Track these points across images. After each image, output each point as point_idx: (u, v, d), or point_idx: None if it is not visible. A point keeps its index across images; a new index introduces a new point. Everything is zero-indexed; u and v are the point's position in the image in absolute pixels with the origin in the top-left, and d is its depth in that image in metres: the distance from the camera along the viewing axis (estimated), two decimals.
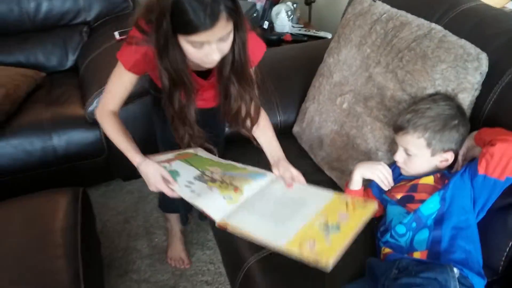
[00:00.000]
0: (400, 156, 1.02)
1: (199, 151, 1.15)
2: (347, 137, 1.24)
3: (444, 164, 1.00)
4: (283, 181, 1.02)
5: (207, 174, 1.05)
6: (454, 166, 1.01)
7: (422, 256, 0.92)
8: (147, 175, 1.04)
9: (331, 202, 0.94)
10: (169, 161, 1.09)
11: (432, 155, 0.98)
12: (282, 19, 2.09)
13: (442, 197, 0.94)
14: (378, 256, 1.00)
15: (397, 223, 0.97)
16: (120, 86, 1.07)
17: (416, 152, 0.99)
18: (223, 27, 0.84)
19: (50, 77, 1.94)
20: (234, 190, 0.99)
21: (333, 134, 1.29)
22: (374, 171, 1.05)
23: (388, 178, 1.04)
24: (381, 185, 1.05)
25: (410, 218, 0.95)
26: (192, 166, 1.09)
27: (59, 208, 1.22)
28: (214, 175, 1.04)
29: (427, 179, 0.99)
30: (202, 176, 1.05)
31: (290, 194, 1.00)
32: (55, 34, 2.02)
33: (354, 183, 1.07)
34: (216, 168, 1.08)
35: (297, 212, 0.92)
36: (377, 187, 1.08)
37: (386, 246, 0.99)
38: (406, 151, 1.01)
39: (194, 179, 1.04)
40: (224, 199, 0.97)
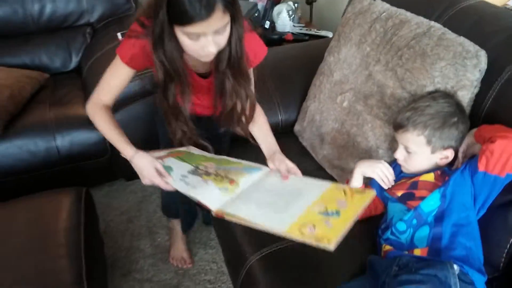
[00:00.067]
0: (400, 154, 1.02)
1: (191, 149, 1.15)
2: (347, 135, 1.24)
3: (444, 161, 1.00)
4: (278, 174, 1.02)
5: (201, 169, 1.04)
6: (454, 163, 1.01)
7: (423, 253, 0.92)
8: (141, 167, 1.03)
9: (328, 190, 0.94)
10: (161, 157, 1.08)
11: (432, 153, 0.98)
12: (283, 19, 2.10)
13: (442, 194, 0.94)
14: (379, 254, 1.01)
15: (397, 220, 0.98)
16: (116, 80, 1.07)
17: (416, 149, 0.99)
18: (219, 19, 0.84)
19: (54, 78, 1.96)
20: (230, 182, 0.98)
21: (333, 132, 1.29)
22: (374, 169, 1.05)
23: (388, 177, 1.04)
24: (381, 183, 1.05)
25: (411, 215, 0.96)
26: (185, 162, 1.08)
27: (62, 208, 1.23)
28: (209, 169, 1.03)
29: (427, 176, 0.99)
30: (196, 170, 1.04)
31: (286, 185, 0.99)
32: (58, 35, 2.04)
33: (355, 181, 1.08)
34: (210, 163, 1.07)
35: (294, 201, 0.92)
36: (377, 185, 1.08)
37: (387, 244, 0.99)
38: (406, 149, 1.01)
39: (188, 173, 1.03)
40: (220, 191, 0.96)
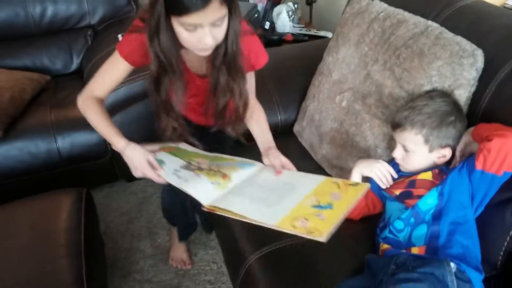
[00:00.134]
0: (398, 153, 1.02)
1: (184, 145, 1.14)
2: (346, 134, 1.24)
3: (442, 160, 1.00)
4: (272, 169, 1.02)
5: (194, 164, 1.04)
6: (452, 162, 1.01)
7: (420, 251, 0.92)
8: (133, 159, 1.02)
9: (322, 184, 0.94)
10: (153, 151, 1.07)
11: (430, 151, 0.98)
12: (283, 20, 2.11)
13: (440, 192, 0.94)
14: (377, 253, 1.01)
15: (395, 219, 0.98)
16: (111, 73, 1.06)
17: (414, 148, 0.99)
18: (216, 10, 0.84)
19: (55, 80, 1.97)
20: (223, 177, 0.98)
21: (332, 132, 1.30)
22: (372, 169, 1.05)
23: (386, 176, 1.04)
24: (379, 183, 1.05)
25: (409, 213, 0.96)
26: (178, 157, 1.07)
27: (62, 209, 1.24)
28: (201, 165, 1.03)
29: (425, 175, 0.99)
30: (189, 165, 1.03)
31: (279, 180, 0.99)
32: (60, 38, 2.05)
33: (354, 180, 1.08)
34: (203, 159, 1.07)
35: (287, 195, 0.92)
36: (376, 184, 1.09)
37: (385, 242, 0.99)
38: (404, 148, 1.01)
39: (181, 168, 1.02)
40: (213, 185, 0.96)
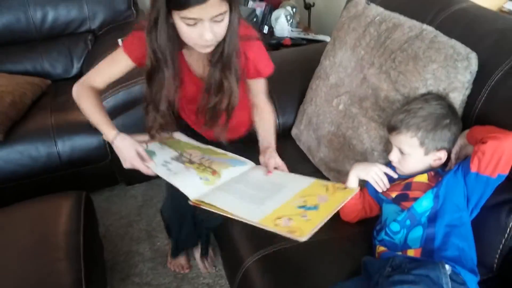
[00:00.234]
0: (394, 156, 1.03)
1: (178, 136, 1.15)
2: (343, 137, 1.25)
3: (438, 162, 1.00)
4: (264, 169, 1.03)
5: (185, 156, 1.05)
6: (448, 164, 1.02)
7: (416, 253, 0.93)
8: (122, 150, 1.02)
9: (311, 186, 0.95)
10: (145, 142, 1.08)
11: (426, 154, 0.99)
12: (282, 24, 2.12)
13: (435, 194, 0.95)
14: (374, 255, 1.01)
15: (391, 221, 0.98)
16: (112, 66, 1.08)
17: (409, 151, 1.00)
18: (216, 5, 0.85)
19: (56, 84, 1.99)
20: (212, 173, 0.99)
21: (330, 135, 1.30)
22: (368, 172, 1.05)
23: (383, 180, 1.05)
24: (375, 186, 1.05)
25: (404, 215, 0.96)
26: (170, 147, 1.08)
27: (62, 212, 1.25)
28: (193, 158, 1.04)
29: (421, 177, 1.00)
30: (180, 157, 1.04)
31: (269, 179, 1.00)
32: (60, 42, 2.07)
33: (350, 183, 1.08)
34: (195, 151, 1.07)
35: (274, 194, 0.93)
36: (373, 186, 1.09)
37: (381, 245, 0.99)
38: (400, 151, 1.02)
39: (171, 159, 1.03)
40: (201, 180, 0.96)
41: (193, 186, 0.96)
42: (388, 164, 1.08)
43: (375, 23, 1.21)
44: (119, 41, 1.85)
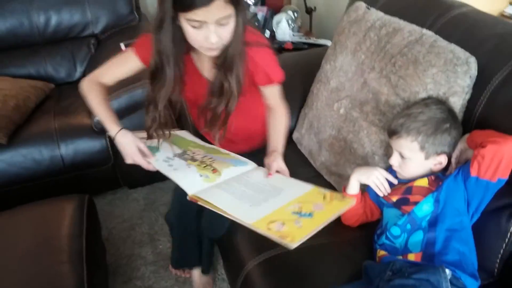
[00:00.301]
0: (395, 160, 1.03)
1: (183, 133, 1.17)
2: (344, 141, 1.26)
3: (438, 167, 1.01)
4: (265, 171, 1.04)
5: (188, 153, 1.07)
6: (448, 168, 1.02)
7: (417, 258, 0.93)
8: (123, 146, 1.05)
9: (309, 193, 0.95)
10: (145, 138, 1.10)
11: (426, 158, 0.99)
12: (283, 28, 2.12)
13: (436, 199, 0.95)
14: (374, 259, 1.01)
15: (392, 225, 0.99)
16: (122, 64, 1.10)
17: (410, 155, 1.00)
18: (221, 8, 0.87)
19: (59, 88, 2.00)
20: (213, 171, 1.00)
21: (331, 139, 1.31)
22: (369, 177, 1.06)
23: (384, 184, 1.05)
24: (376, 190, 1.05)
25: (405, 219, 0.96)
26: (174, 144, 1.10)
27: (65, 215, 1.25)
28: (196, 156, 1.05)
29: (421, 181, 1.00)
30: (183, 154, 1.06)
31: (269, 182, 1.01)
32: (64, 46, 2.09)
33: (351, 187, 1.09)
34: (199, 149, 1.09)
35: (271, 198, 0.93)
36: (374, 191, 1.09)
37: (382, 249, 1.00)
38: (401, 155, 1.02)
39: (174, 156, 1.05)
40: (201, 177, 0.98)
41: (192, 182, 0.97)
42: (389, 169, 1.09)
43: (376, 28, 1.22)
44: (122, 45, 1.88)
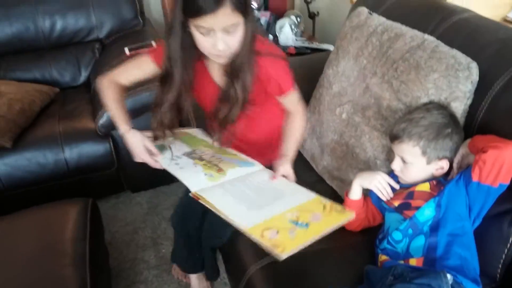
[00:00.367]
0: (396, 165, 1.04)
1: (193, 131, 1.19)
2: (346, 146, 1.26)
3: (440, 172, 1.01)
4: (270, 173, 1.05)
5: (197, 153, 1.09)
6: (450, 173, 1.02)
7: (418, 262, 0.93)
8: (132, 145, 1.08)
9: (309, 201, 0.95)
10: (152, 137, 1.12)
11: (428, 163, 0.99)
12: (286, 33, 2.13)
13: (437, 203, 0.95)
14: (376, 264, 1.02)
15: (394, 230, 0.99)
16: (138, 67, 1.13)
17: (412, 160, 1.00)
18: (227, 16, 0.88)
19: (64, 92, 2.01)
20: (218, 171, 1.02)
21: (333, 143, 1.31)
22: (372, 181, 1.06)
23: (386, 188, 1.05)
24: (379, 195, 1.05)
25: (406, 224, 0.97)
26: (185, 143, 1.13)
27: (69, 218, 1.26)
28: (204, 155, 1.07)
29: (423, 186, 1.00)
30: (191, 153, 1.08)
31: (272, 186, 1.01)
32: (68, 51, 2.10)
33: (354, 192, 1.09)
34: (208, 149, 1.11)
35: (271, 203, 0.94)
36: (375, 196, 1.10)
37: (383, 253, 1.00)
38: (403, 160, 1.02)
39: (182, 155, 1.07)
40: (205, 176, 1.00)
41: (196, 180, 0.99)
42: (391, 174, 1.09)
43: (378, 33, 1.22)
44: (126, 49, 1.90)
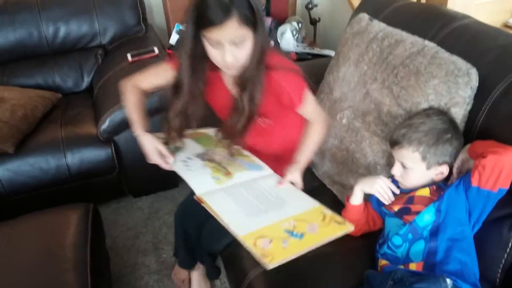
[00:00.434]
0: (397, 170, 1.04)
1: (211, 131, 1.22)
2: (346, 151, 1.26)
3: (440, 177, 1.01)
4: (277, 178, 1.06)
5: (209, 154, 1.12)
6: (450, 178, 1.02)
7: (418, 267, 0.93)
8: (144, 147, 1.12)
9: (310, 211, 0.96)
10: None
11: (428, 168, 1.00)
12: (288, 39, 2.15)
13: (437, 208, 0.95)
14: (376, 268, 1.02)
15: (394, 235, 0.99)
16: (157, 73, 1.17)
17: (411, 165, 1.01)
18: (234, 29, 0.89)
19: (66, 98, 2.02)
20: (225, 174, 1.04)
21: (333, 148, 1.32)
22: (373, 185, 1.06)
23: (387, 193, 1.05)
24: (381, 199, 1.06)
25: (406, 229, 0.97)
26: (199, 144, 1.16)
27: (70, 223, 1.26)
28: (215, 156, 1.10)
29: (423, 191, 1.01)
30: (203, 154, 1.11)
31: (276, 191, 1.02)
32: (71, 57, 2.11)
33: (355, 197, 1.09)
34: (221, 150, 1.13)
35: (273, 209, 0.94)
36: (376, 200, 1.10)
37: (383, 258, 1.00)
38: (403, 165, 1.03)
39: (194, 156, 1.10)
40: (212, 179, 1.02)
41: (202, 182, 1.01)
42: (391, 179, 1.09)
43: (378, 39, 1.23)
44: (129, 55, 1.91)
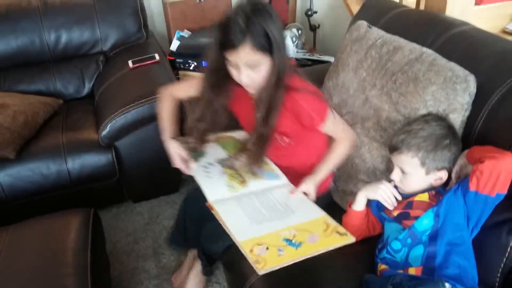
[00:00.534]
0: (396, 175, 1.05)
1: (239, 134, 1.27)
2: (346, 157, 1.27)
3: (439, 182, 1.02)
4: (291, 188, 1.10)
5: (231, 160, 1.18)
6: (449, 183, 1.03)
7: (417, 272, 0.93)
8: (169, 152, 1.22)
9: (315, 220, 0.98)
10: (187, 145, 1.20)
11: (427, 174, 1.01)
12: (287, 45, 2.16)
13: (436, 213, 0.96)
14: (375, 273, 1.02)
15: (393, 239, 1.00)
16: (191, 83, 1.22)
17: (411, 171, 1.02)
18: (247, 53, 0.95)
19: (68, 104, 2.03)
20: (241, 182, 1.08)
21: None
22: (377, 191, 1.07)
23: (390, 197, 1.06)
24: (385, 204, 1.06)
25: (405, 234, 0.97)
26: (224, 149, 1.22)
27: (70, 228, 1.27)
28: (236, 162, 1.16)
29: (422, 196, 1.01)
30: (225, 160, 1.17)
31: (286, 201, 1.05)
32: (73, 64, 2.12)
33: (358, 204, 1.10)
34: (244, 156, 1.16)
35: (278, 218, 0.98)
36: (375, 206, 1.11)
37: (383, 263, 1.00)
38: (402, 170, 1.03)
39: (215, 162, 1.17)
40: (227, 186, 1.07)
41: (215, 190, 1.06)
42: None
43: (377, 46, 1.25)
44: (130, 62, 1.93)
